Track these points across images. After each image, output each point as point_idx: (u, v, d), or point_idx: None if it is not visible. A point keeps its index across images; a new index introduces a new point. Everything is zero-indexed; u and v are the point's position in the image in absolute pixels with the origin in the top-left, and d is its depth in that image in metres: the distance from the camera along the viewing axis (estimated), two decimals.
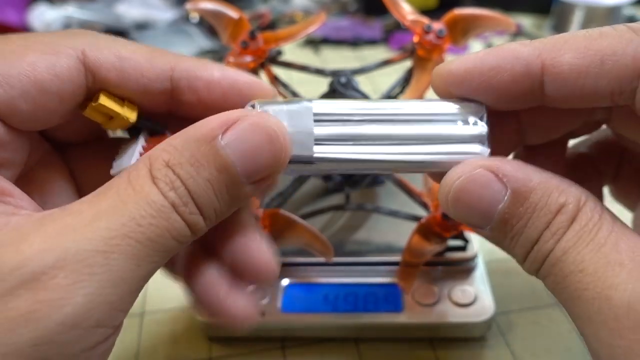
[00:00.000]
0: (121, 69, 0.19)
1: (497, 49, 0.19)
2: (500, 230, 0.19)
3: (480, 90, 0.19)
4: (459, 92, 0.20)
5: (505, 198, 0.18)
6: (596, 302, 0.16)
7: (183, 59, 0.20)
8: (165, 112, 0.20)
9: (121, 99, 0.19)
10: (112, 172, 0.20)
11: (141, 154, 0.20)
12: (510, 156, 0.25)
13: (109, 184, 0.17)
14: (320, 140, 0.19)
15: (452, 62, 0.20)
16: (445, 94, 0.20)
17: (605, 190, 0.29)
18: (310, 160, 0.19)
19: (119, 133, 0.22)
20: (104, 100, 0.18)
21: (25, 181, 0.20)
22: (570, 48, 0.18)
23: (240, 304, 0.21)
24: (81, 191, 0.22)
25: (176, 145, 0.17)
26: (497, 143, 0.23)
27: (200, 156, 0.17)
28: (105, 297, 0.15)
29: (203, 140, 0.17)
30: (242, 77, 0.20)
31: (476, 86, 0.19)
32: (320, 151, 0.19)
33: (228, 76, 0.20)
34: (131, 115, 0.19)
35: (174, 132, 0.18)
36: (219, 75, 0.20)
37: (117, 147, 0.21)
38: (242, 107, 0.20)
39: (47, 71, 0.17)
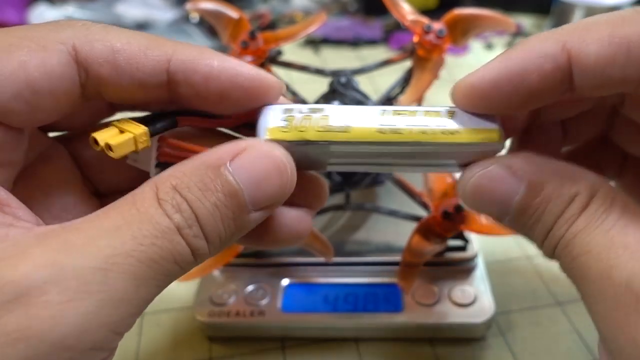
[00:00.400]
0: (115, 63, 0.18)
1: (517, 51, 0.18)
2: (518, 221, 0.19)
3: (509, 98, 0.18)
4: (484, 105, 0.19)
5: (521, 191, 0.19)
6: (598, 280, 0.17)
7: (181, 49, 0.18)
8: (164, 102, 0.20)
9: (128, 122, 0.18)
10: (128, 161, 0.20)
11: (156, 157, 0.20)
12: None
13: (113, 204, 0.17)
14: (334, 163, 0.20)
15: (473, 75, 0.19)
16: (467, 107, 0.19)
17: None
18: (321, 169, 0.21)
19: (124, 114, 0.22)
20: (118, 151, 0.17)
21: (26, 177, 0.19)
22: (594, 37, 0.17)
23: (295, 215, 0.21)
24: (88, 179, 0.22)
25: (184, 170, 0.17)
26: (509, 120, 0.23)
27: (209, 181, 0.17)
28: (102, 318, 0.15)
29: (212, 166, 0.17)
30: (244, 70, 0.19)
31: (505, 94, 0.18)
32: (332, 168, 0.21)
33: (228, 69, 0.18)
34: (146, 142, 0.18)
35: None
36: (219, 69, 0.18)
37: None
38: (243, 103, 0.19)
39: (37, 70, 0.17)
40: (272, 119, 0.19)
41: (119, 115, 0.22)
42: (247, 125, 0.20)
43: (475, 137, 0.19)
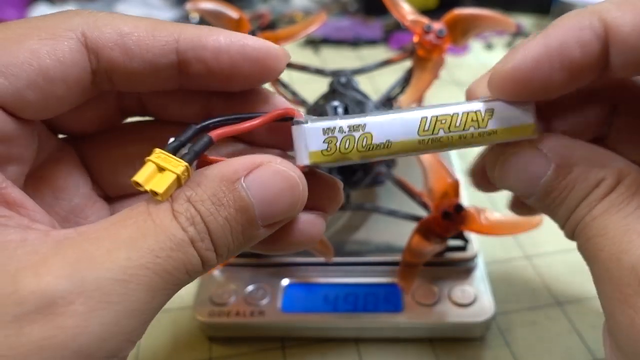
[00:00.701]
0: (124, 46, 0.18)
1: (554, 28, 0.18)
2: (543, 201, 0.20)
3: (550, 78, 0.18)
4: (524, 90, 0.19)
5: (549, 172, 0.19)
6: (607, 262, 0.18)
7: (187, 28, 0.19)
8: (175, 87, 0.20)
9: (164, 156, 0.17)
10: None
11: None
12: None
13: (128, 213, 0.17)
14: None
15: (510, 59, 0.18)
16: (506, 96, 0.19)
17: None
18: (364, 122, 0.19)
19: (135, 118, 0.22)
20: (165, 195, 0.17)
21: (36, 178, 0.19)
22: (628, 8, 0.17)
23: (308, 218, 0.21)
24: (96, 182, 0.22)
25: (199, 182, 0.17)
26: None
27: (222, 195, 0.17)
28: (120, 328, 0.15)
29: (226, 180, 0.17)
30: (251, 42, 0.19)
31: (546, 74, 0.18)
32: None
33: (236, 42, 0.18)
34: (188, 177, 0.17)
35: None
36: (226, 42, 0.18)
37: (131, 134, 0.21)
38: (253, 76, 0.19)
39: (49, 57, 0.17)
40: (312, 142, 0.19)
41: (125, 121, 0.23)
42: (280, 120, 0.19)
43: (512, 135, 0.19)
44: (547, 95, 0.19)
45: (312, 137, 0.19)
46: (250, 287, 0.34)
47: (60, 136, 0.21)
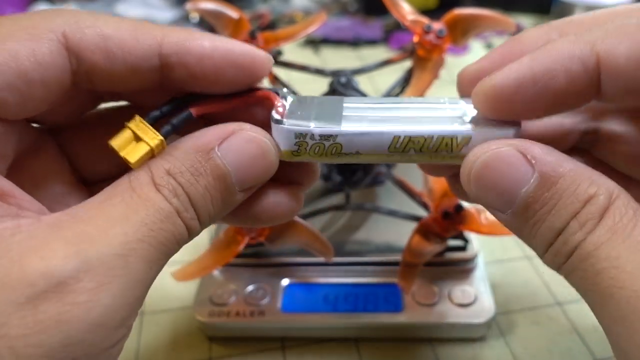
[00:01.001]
0: (106, 49, 0.18)
1: (543, 52, 0.17)
2: (521, 215, 0.17)
3: (533, 101, 0.17)
4: (507, 109, 0.18)
5: (532, 181, 0.17)
6: (632, 301, 0.15)
7: (170, 32, 0.18)
8: (157, 88, 0.20)
9: (143, 126, 0.18)
10: None
11: None
12: None
13: (112, 191, 0.17)
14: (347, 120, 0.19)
15: (495, 77, 0.18)
16: (488, 112, 0.18)
17: None
18: (336, 133, 0.19)
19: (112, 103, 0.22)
20: (136, 165, 0.18)
21: (15, 170, 0.19)
22: (625, 38, 0.16)
23: (287, 192, 0.21)
24: (76, 169, 0.22)
25: (176, 155, 0.18)
26: None
27: (199, 165, 0.18)
28: (126, 299, 0.16)
29: (201, 150, 0.18)
30: (235, 47, 0.19)
31: (529, 97, 0.17)
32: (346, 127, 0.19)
33: (220, 47, 0.18)
34: (162, 149, 0.18)
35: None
36: (210, 47, 0.18)
37: (108, 120, 0.21)
38: (237, 80, 0.19)
39: (28, 60, 0.17)
40: (285, 142, 0.19)
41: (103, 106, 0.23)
42: (259, 103, 0.20)
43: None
44: (530, 116, 0.18)
45: (285, 138, 0.19)
46: (250, 287, 0.34)
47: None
